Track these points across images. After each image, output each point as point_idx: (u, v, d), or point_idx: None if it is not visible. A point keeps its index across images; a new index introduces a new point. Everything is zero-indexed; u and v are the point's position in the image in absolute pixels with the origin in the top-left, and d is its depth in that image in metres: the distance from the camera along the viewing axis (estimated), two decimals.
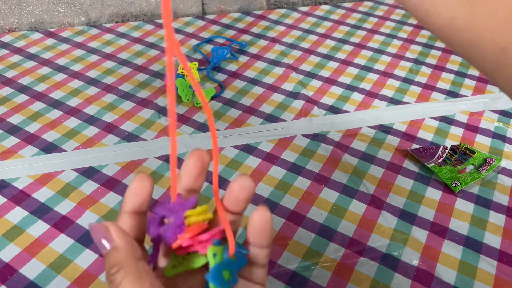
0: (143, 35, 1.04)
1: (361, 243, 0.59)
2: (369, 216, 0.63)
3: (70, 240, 0.58)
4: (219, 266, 0.27)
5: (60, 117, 0.79)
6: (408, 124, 0.79)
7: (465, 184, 0.66)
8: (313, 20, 1.12)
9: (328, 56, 0.98)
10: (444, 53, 1.00)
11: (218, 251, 0.28)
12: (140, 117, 0.79)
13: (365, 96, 0.86)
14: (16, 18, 1.02)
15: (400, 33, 1.07)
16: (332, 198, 0.65)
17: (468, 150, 0.72)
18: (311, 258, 0.57)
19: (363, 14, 1.16)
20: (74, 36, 1.03)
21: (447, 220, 0.62)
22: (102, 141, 0.74)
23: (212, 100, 0.84)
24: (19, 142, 0.73)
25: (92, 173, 0.68)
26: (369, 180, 0.68)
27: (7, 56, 0.94)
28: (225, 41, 1.03)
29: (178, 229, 0.28)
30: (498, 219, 0.63)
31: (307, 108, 0.82)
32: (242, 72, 0.92)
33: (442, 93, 0.87)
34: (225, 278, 0.27)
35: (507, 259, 0.57)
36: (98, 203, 0.64)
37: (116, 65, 0.93)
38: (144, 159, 0.71)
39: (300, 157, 0.72)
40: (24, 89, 0.85)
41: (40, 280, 0.54)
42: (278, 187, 0.67)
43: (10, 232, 0.59)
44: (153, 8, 1.11)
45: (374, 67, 0.95)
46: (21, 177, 0.67)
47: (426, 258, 0.57)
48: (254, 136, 0.76)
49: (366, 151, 0.73)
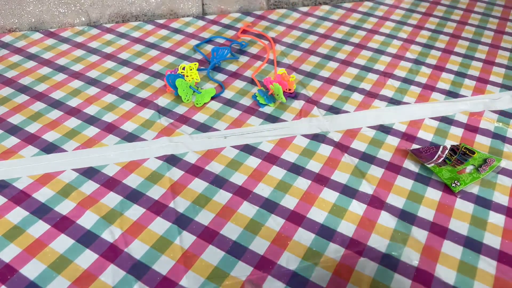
0: (143, 35, 1.04)
1: (361, 243, 0.59)
2: (369, 216, 0.63)
3: (70, 240, 0.59)
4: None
5: (60, 117, 0.79)
6: (408, 124, 0.79)
7: (465, 185, 0.66)
8: (313, 20, 1.12)
9: (328, 56, 0.98)
10: (444, 53, 1.00)
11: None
12: (140, 117, 0.79)
13: (365, 96, 0.86)
14: (16, 18, 1.02)
15: (400, 33, 1.07)
16: (332, 198, 0.65)
17: (468, 150, 0.72)
18: (311, 258, 0.57)
19: (363, 14, 1.16)
20: (74, 36, 1.03)
21: (447, 221, 0.62)
22: (102, 141, 0.74)
23: (212, 100, 0.84)
24: (19, 142, 0.73)
25: (92, 173, 0.68)
26: (369, 180, 0.68)
27: (8, 56, 0.95)
28: (225, 41, 1.03)
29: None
30: (498, 219, 0.63)
31: (307, 108, 0.82)
32: (242, 72, 0.92)
33: (442, 93, 0.87)
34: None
35: (507, 259, 0.57)
36: (98, 203, 0.64)
37: (116, 65, 0.93)
38: (144, 159, 0.71)
39: (300, 157, 0.72)
40: (24, 89, 0.85)
41: (40, 280, 0.54)
42: (278, 187, 0.67)
43: (10, 232, 0.59)
44: (153, 8, 1.11)
45: (374, 67, 0.95)
46: (21, 177, 0.67)
47: (426, 258, 0.57)
48: (254, 136, 0.76)
49: (366, 151, 0.73)
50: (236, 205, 0.64)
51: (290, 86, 0.84)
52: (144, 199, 0.64)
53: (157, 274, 0.55)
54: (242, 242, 0.59)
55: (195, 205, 0.64)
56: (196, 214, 0.62)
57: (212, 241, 0.59)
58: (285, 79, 0.85)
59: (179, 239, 0.59)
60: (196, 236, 0.59)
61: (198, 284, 0.54)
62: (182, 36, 1.04)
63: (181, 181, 0.67)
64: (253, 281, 0.32)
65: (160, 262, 0.56)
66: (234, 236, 0.60)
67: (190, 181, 0.67)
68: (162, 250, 0.58)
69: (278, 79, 0.84)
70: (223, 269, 0.56)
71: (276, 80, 0.84)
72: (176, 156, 0.72)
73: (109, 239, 0.59)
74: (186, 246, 0.58)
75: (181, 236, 0.59)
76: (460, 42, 1.04)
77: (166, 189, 0.66)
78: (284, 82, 0.83)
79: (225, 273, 0.55)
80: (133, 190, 0.66)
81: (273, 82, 0.83)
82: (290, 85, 0.84)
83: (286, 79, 0.85)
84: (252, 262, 0.57)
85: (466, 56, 0.99)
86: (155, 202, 0.64)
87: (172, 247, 0.58)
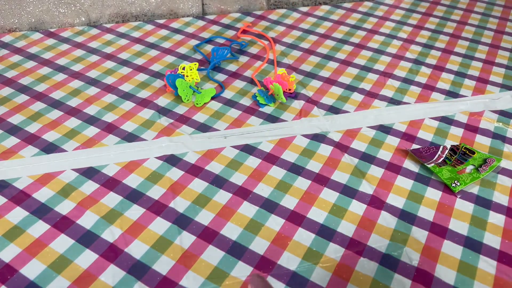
0: (143, 35, 1.04)
1: (361, 243, 0.59)
2: (369, 216, 0.63)
3: (70, 240, 0.58)
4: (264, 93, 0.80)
5: (60, 117, 0.79)
6: (408, 124, 0.79)
7: (465, 185, 0.66)
8: (313, 20, 1.12)
9: (328, 56, 0.98)
10: (444, 53, 1.00)
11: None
12: (140, 117, 0.79)
13: (365, 96, 0.86)
14: (16, 18, 1.02)
15: (400, 33, 1.07)
16: (332, 198, 0.65)
17: (468, 150, 0.72)
18: (311, 258, 0.57)
19: (363, 14, 1.16)
20: (74, 36, 1.03)
21: (447, 221, 0.62)
22: (102, 141, 0.74)
23: (212, 100, 0.84)
24: (19, 142, 0.73)
25: (92, 173, 0.68)
26: (369, 180, 0.68)
27: (8, 56, 0.94)
28: (225, 41, 1.03)
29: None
30: (498, 219, 0.63)
31: (307, 108, 0.82)
32: (242, 72, 0.92)
33: (442, 93, 0.87)
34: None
35: (507, 259, 0.57)
36: (98, 203, 0.64)
37: (116, 65, 0.93)
38: (144, 159, 0.71)
39: (300, 157, 0.72)
40: (24, 89, 0.85)
41: (40, 280, 0.54)
42: (278, 187, 0.67)
43: (10, 232, 0.59)
44: (153, 8, 1.11)
45: (374, 67, 0.95)
46: (21, 177, 0.67)
47: (426, 258, 0.57)
48: (254, 136, 0.76)
49: (366, 151, 0.73)
50: (236, 205, 0.64)
51: (290, 86, 0.84)
52: (144, 199, 0.64)
53: (157, 274, 0.55)
54: (242, 242, 0.59)
55: (195, 205, 0.64)
56: (196, 214, 0.62)
57: (212, 241, 0.59)
58: (285, 79, 0.85)
59: (179, 239, 0.59)
60: (196, 236, 0.59)
61: (198, 284, 0.54)
62: (182, 36, 1.04)
63: (181, 181, 0.67)
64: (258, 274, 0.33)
65: (160, 262, 0.56)
66: (234, 236, 0.60)
67: (190, 181, 0.67)
68: (162, 250, 0.58)
69: (278, 79, 0.84)
70: (223, 269, 0.56)
71: (276, 80, 0.84)
72: (176, 156, 0.72)
73: (109, 239, 0.59)
74: (186, 246, 0.58)
75: (181, 236, 0.59)
76: (460, 42, 1.04)
77: (166, 189, 0.66)
78: (284, 82, 0.83)
79: (225, 273, 0.55)
80: (133, 190, 0.66)
81: (273, 82, 0.83)
82: (290, 85, 0.84)
83: (286, 79, 0.85)
84: (252, 262, 0.57)
85: (466, 56, 0.99)
86: (155, 202, 0.64)
87: (172, 247, 0.58)
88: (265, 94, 0.83)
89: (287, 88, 0.84)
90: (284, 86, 0.83)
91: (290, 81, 0.84)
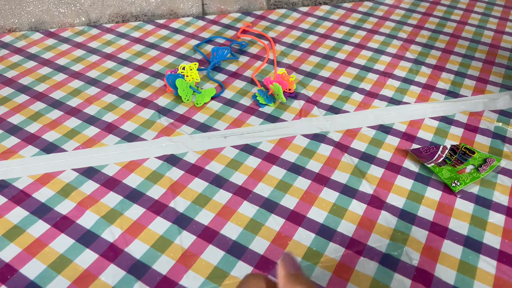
0: (143, 35, 1.04)
1: (361, 243, 0.59)
2: (369, 216, 0.63)
3: (70, 240, 0.59)
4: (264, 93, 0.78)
5: (61, 117, 0.79)
6: (408, 124, 0.79)
7: (465, 184, 0.66)
8: (313, 20, 1.12)
9: (328, 56, 0.98)
10: (444, 53, 1.00)
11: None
12: (140, 117, 0.79)
13: (365, 96, 0.86)
14: (16, 18, 1.02)
15: (400, 33, 1.07)
16: (332, 198, 0.65)
17: (468, 150, 0.72)
18: (311, 258, 0.57)
19: (363, 14, 1.16)
20: (74, 36, 1.03)
21: (447, 220, 0.62)
22: (102, 141, 0.74)
23: (212, 100, 0.84)
24: (19, 142, 0.73)
25: (92, 173, 0.68)
26: (369, 180, 0.68)
27: (8, 56, 0.95)
28: (225, 41, 1.03)
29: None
30: (498, 219, 0.63)
31: (307, 108, 0.82)
32: (242, 72, 0.92)
33: (442, 93, 0.87)
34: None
35: (507, 259, 0.57)
36: (98, 203, 0.64)
37: (116, 65, 0.93)
38: (144, 159, 0.71)
39: (300, 157, 0.72)
40: (25, 89, 0.85)
41: (40, 280, 0.54)
42: (278, 187, 0.67)
43: (10, 232, 0.59)
44: (153, 8, 1.11)
45: (374, 67, 0.95)
46: (21, 177, 0.67)
47: (426, 258, 0.57)
48: (254, 136, 0.76)
49: (366, 151, 0.73)
50: (236, 205, 0.64)
51: (290, 86, 0.84)
52: (144, 199, 0.64)
53: (157, 274, 0.55)
54: (242, 242, 0.59)
55: (195, 205, 0.64)
56: (196, 214, 0.62)
57: (212, 241, 0.59)
58: (285, 79, 0.85)
59: (179, 239, 0.59)
60: (196, 236, 0.59)
61: (198, 284, 0.54)
62: (182, 36, 1.04)
63: (181, 181, 0.67)
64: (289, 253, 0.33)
65: (160, 262, 0.56)
66: (234, 236, 0.60)
67: (190, 181, 0.67)
68: (162, 250, 0.58)
69: (278, 79, 0.84)
70: (223, 269, 0.56)
71: (276, 80, 0.84)
72: (176, 156, 0.72)
73: (109, 239, 0.59)
74: (186, 246, 0.58)
75: (181, 236, 0.59)
76: (460, 42, 1.05)
77: (166, 189, 0.66)
78: (284, 82, 0.83)
79: (225, 273, 0.55)
80: (133, 190, 0.66)
81: (273, 82, 0.83)
82: (290, 85, 0.84)
83: (286, 79, 0.85)
84: (252, 262, 0.57)
85: (466, 56, 0.99)
86: (155, 202, 0.64)
87: (172, 247, 0.58)
88: (265, 94, 0.83)
89: (287, 88, 0.84)
90: (284, 86, 0.83)
91: (290, 81, 0.84)
